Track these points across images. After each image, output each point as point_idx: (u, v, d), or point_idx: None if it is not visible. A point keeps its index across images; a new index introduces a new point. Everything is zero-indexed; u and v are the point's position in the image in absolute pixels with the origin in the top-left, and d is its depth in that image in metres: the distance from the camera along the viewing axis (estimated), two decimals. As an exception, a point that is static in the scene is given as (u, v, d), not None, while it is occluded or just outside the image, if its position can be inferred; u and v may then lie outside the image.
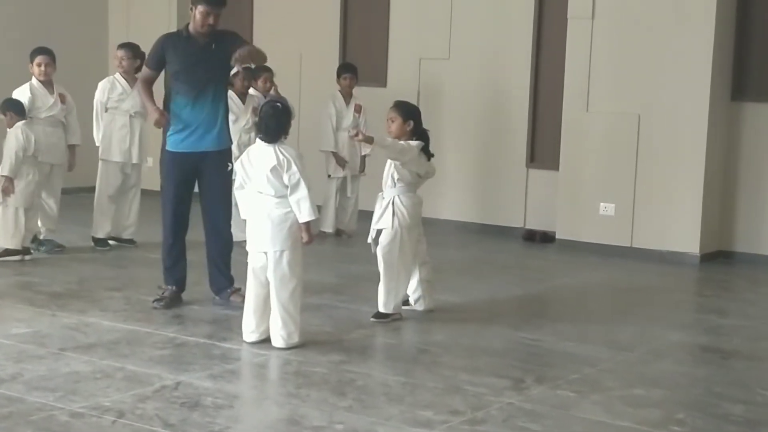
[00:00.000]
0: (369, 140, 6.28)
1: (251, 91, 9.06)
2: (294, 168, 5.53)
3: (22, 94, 8.15)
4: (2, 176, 7.75)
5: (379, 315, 6.34)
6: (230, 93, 7.95)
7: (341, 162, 9.53)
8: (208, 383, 4.99)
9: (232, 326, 6.02)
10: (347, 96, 9.57)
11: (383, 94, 10.70)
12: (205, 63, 6.43)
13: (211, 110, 6.48)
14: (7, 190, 7.76)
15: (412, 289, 6.60)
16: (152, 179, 10.59)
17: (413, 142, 6.40)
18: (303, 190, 5.52)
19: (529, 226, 10.05)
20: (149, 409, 4.59)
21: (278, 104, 5.79)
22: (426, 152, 6.53)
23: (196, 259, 6.85)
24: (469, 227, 10.27)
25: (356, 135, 6.43)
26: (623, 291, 7.93)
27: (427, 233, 10.13)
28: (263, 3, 11.50)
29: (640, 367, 5.64)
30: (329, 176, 9.54)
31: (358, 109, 9.54)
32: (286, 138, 5.70)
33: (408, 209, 6.43)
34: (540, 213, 9.97)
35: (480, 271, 8.47)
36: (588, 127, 9.37)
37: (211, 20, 6.39)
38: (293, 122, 9.81)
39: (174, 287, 6.61)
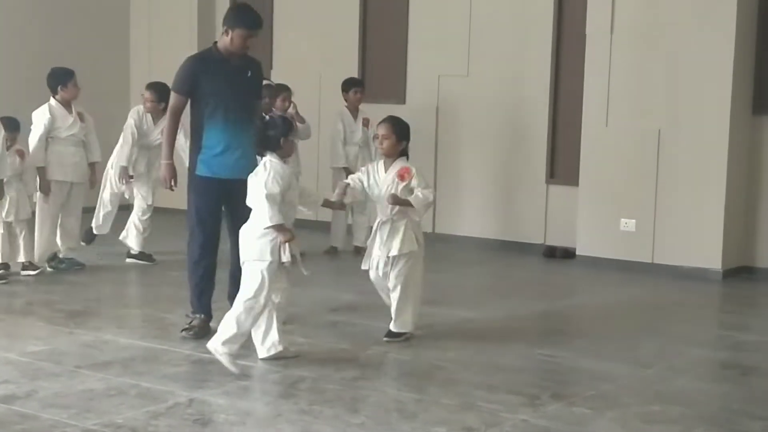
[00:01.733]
0: (406, 203, 6.07)
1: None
2: (262, 176, 5.45)
3: (41, 114, 8.21)
4: None
5: (393, 334, 6.27)
6: None
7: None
8: (222, 400, 4.98)
9: (248, 343, 5.99)
10: (354, 111, 9.58)
11: (402, 112, 10.65)
12: (239, 87, 6.29)
13: (246, 134, 6.14)
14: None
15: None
16: (168, 197, 10.68)
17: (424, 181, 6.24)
18: (261, 197, 5.41)
19: (549, 242, 10.00)
20: (162, 426, 4.58)
21: (269, 118, 5.74)
22: None
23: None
24: (488, 243, 10.23)
25: (393, 202, 6.09)
26: (644, 307, 7.87)
27: (446, 249, 10.24)
28: (283, 22, 11.55)
29: (659, 383, 5.58)
30: None
31: (366, 123, 9.54)
32: (279, 151, 5.55)
33: (420, 228, 6.34)
34: (560, 229, 9.92)
35: (499, 287, 8.44)
36: (608, 143, 9.32)
37: (248, 43, 6.29)
38: (311, 140, 10.06)
39: (203, 315, 6.31)
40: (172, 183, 6.43)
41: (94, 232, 9.05)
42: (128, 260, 8.88)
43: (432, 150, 10.59)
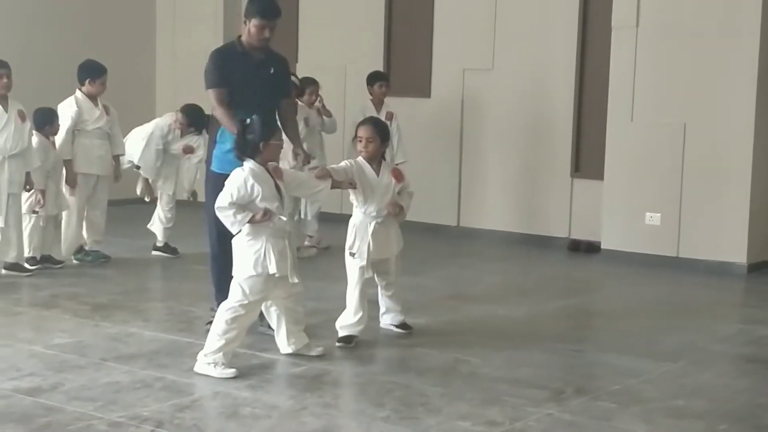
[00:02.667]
0: (401, 212, 6.08)
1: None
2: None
3: (68, 107, 8.26)
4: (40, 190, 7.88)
5: (407, 325, 6.38)
6: None
7: None
8: (247, 393, 5.00)
9: (272, 337, 6.03)
10: (378, 104, 9.55)
11: (427, 105, 10.73)
12: (261, 85, 6.15)
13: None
14: (40, 203, 7.91)
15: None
16: (198, 192, 10.73)
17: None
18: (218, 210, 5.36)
19: (573, 236, 9.97)
20: (187, 419, 4.61)
21: (249, 120, 5.40)
22: None
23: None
24: (513, 237, 10.22)
25: (399, 212, 6.08)
26: (668, 301, 7.83)
27: (470, 243, 10.23)
28: (308, 16, 11.56)
29: (683, 378, 5.56)
30: None
31: (389, 117, 9.50)
32: (259, 156, 5.34)
33: None
34: (585, 223, 9.89)
35: (523, 281, 8.42)
36: (633, 137, 9.28)
37: (266, 33, 6.13)
38: (336, 134, 10.06)
39: None
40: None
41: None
42: (154, 253, 8.94)
43: (457, 144, 10.58)
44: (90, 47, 10.10)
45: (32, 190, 7.87)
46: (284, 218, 5.44)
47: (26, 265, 7.89)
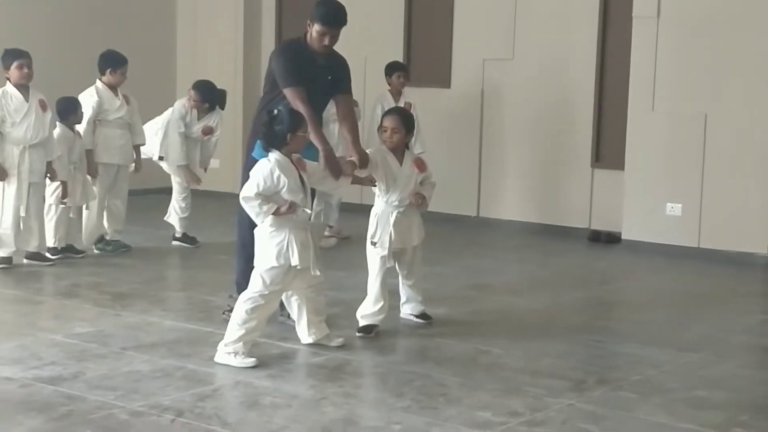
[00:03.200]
0: (423, 202, 6.09)
1: None
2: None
3: (89, 97, 8.28)
4: (62, 181, 7.91)
5: (427, 315, 6.38)
6: None
7: None
8: (267, 383, 5.01)
9: (293, 326, 6.04)
10: (397, 95, 9.53)
11: (447, 96, 10.71)
12: (321, 86, 6.06)
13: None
14: (66, 194, 7.94)
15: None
16: (217, 181, 10.75)
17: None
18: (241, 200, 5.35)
19: (594, 227, 9.93)
20: (208, 408, 4.62)
21: (277, 111, 5.39)
22: None
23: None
24: (532, 228, 10.19)
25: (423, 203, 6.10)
26: (689, 292, 7.79)
27: (490, 234, 10.22)
28: (327, 5, 11.52)
29: (704, 369, 5.53)
30: None
31: (408, 107, 9.48)
32: (285, 147, 5.32)
33: None
34: (605, 213, 9.85)
35: (543, 271, 8.40)
36: (654, 127, 9.24)
37: (326, 41, 6.02)
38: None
39: None
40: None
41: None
42: (174, 243, 8.97)
43: (477, 134, 10.56)
44: (110, 38, 10.13)
45: (57, 181, 7.91)
46: (308, 211, 5.44)
47: (48, 255, 7.92)
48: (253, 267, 5.56)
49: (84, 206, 8.28)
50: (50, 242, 8.01)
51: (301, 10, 11.59)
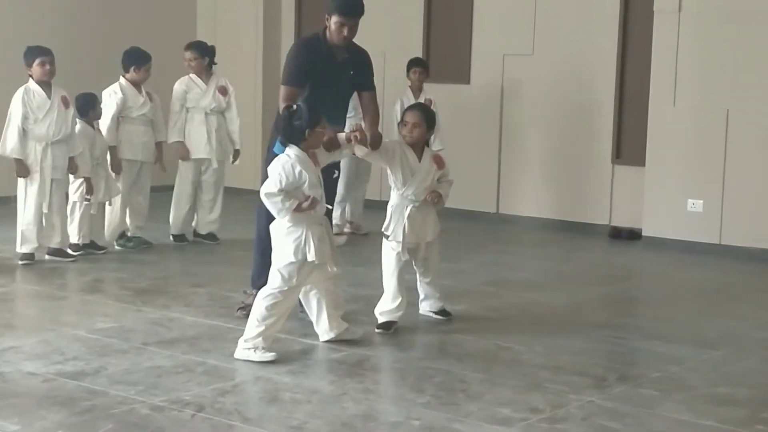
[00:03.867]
0: (440, 200, 6.05)
1: None
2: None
3: (113, 93, 8.32)
4: (85, 177, 7.95)
5: (446, 312, 6.36)
6: None
7: None
8: (287, 378, 5.02)
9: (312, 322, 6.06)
10: (417, 91, 9.53)
11: (467, 91, 10.69)
12: (339, 85, 6.07)
13: (335, 126, 5.87)
14: (90, 191, 7.97)
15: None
16: (237, 177, 10.77)
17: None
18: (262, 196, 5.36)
19: (614, 223, 9.89)
20: (228, 404, 4.64)
21: (295, 107, 5.41)
22: None
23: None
24: (552, 224, 10.16)
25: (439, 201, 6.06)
26: (710, 289, 7.76)
27: (510, 230, 10.20)
28: (347, 1, 11.52)
29: (726, 365, 5.51)
30: None
31: (428, 104, 9.48)
32: (303, 143, 5.31)
33: None
34: (626, 210, 9.81)
35: (564, 268, 8.38)
36: (675, 122, 9.19)
37: (345, 32, 5.97)
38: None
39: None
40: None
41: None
42: (194, 239, 8.98)
43: (496, 130, 10.53)
44: (132, 35, 10.13)
45: (81, 178, 7.94)
46: (329, 207, 5.46)
47: (69, 251, 7.96)
48: (268, 261, 5.56)
49: (107, 202, 8.31)
50: (74, 239, 8.05)
51: (320, 9, 11.63)
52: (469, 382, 5.05)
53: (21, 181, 7.74)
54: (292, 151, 5.32)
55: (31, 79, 7.72)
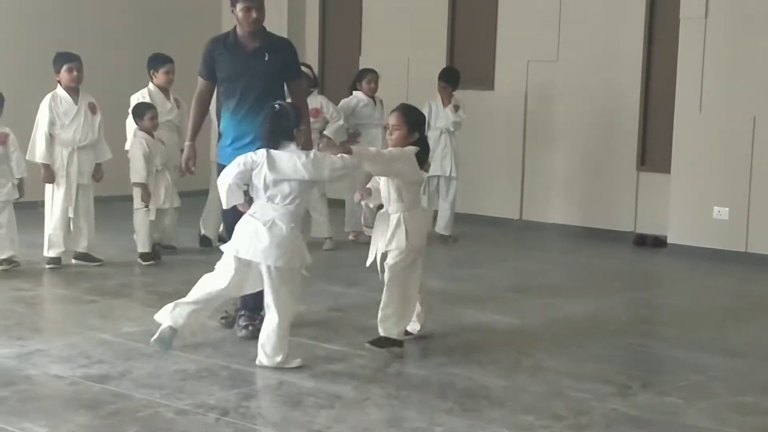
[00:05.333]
0: (344, 150, 5.43)
1: (356, 93, 9.30)
2: (300, 161, 5.15)
3: (140, 98, 8.37)
4: (141, 183, 8.00)
5: (381, 341, 5.58)
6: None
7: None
8: (311, 383, 5.04)
9: (337, 327, 6.08)
10: (446, 98, 9.55)
11: (491, 97, 10.69)
12: (253, 74, 5.87)
13: (257, 124, 5.58)
14: (145, 198, 8.03)
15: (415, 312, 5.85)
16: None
17: (405, 149, 5.56)
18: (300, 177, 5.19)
19: (639, 231, 9.86)
20: (252, 408, 4.66)
21: (279, 107, 5.29)
22: (420, 159, 5.63)
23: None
24: (576, 231, 10.14)
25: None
26: (736, 297, 7.72)
27: (533, 237, 10.18)
28: (372, 8, 11.58)
29: (751, 374, 5.48)
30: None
31: (455, 109, 9.51)
32: (292, 141, 5.20)
33: (419, 225, 5.66)
34: (651, 217, 9.78)
35: (588, 275, 8.35)
36: (701, 129, 9.15)
37: (254, 14, 5.82)
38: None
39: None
40: (190, 165, 6.20)
41: None
42: (219, 244, 8.98)
43: (520, 136, 10.53)
44: (159, 41, 10.22)
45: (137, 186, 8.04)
46: None
47: (95, 255, 8.01)
48: None
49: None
50: (140, 248, 8.12)
51: (345, 10, 11.68)
52: (492, 388, 5.05)
53: (48, 186, 7.81)
54: (293, 146, 5.19)
55: (59, 85, 7.79)
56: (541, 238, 10.06)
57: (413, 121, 5.61)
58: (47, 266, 7.78)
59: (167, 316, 5.27)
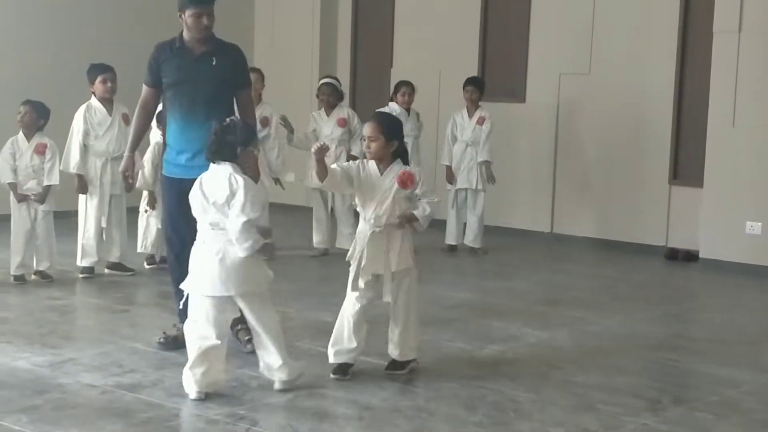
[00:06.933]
0: (413, 219, 5.24)
1: (391, 104, 9.34)
2: (238, 196, 4.80)
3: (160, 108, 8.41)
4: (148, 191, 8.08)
5: (400, 365, 5.47)
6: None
7: (449, 176, 9.54)
8: (340, 394, 5.06)
9: (366, 338, 6.08)
10: (472, 108, 9.56)
11: (522, 110, 10.68)
12: (200, 78, 5.68)
13: (204, 133, 5.32)
14: (151, 203, 8.08)
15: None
16: (289, 195, 10.85)
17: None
18: (237, 223, 4.78)
19: (671, 245, 9.80)
20: (281, 418, 4.69)
21: (229, 121, 5.00)
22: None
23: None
24: (607, 244, 10.09)
25: (401, 224, 5.29)
26: (769, 312, 7.67)
27: (564, 250, 10.15)
28: (404, 19, 11.60)
29: (784, 390, 5.44)
30: (448, 189, 9.61)
31: (480, 122, 9.50)
32: (234, 161, 4.89)
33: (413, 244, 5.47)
34: (683, 231, 9.72)
35: (619, 289, 8.31)
36: (734, 143, 9.10)
37: (205, 21, 5.64)
38: (431, 138, 10.13)
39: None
40: (128, 177, 5.99)
41: None
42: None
43: (552, 149, 10.51)
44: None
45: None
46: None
47: (127, 265, 8.07)
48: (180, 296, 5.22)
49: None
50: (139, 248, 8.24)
51: (377, 23, 11.72)
52: (521, 401, 5.04)
53: (81, 196, 7.89)
54: (229, 167, 4.86)
55: (93, 96, 7.87)
56: (572, 251, 10.03)
57: (390, 130, 5.30)
58: (80, 275, 7.85)
59: (191, 389, 4.94)
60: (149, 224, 8.20)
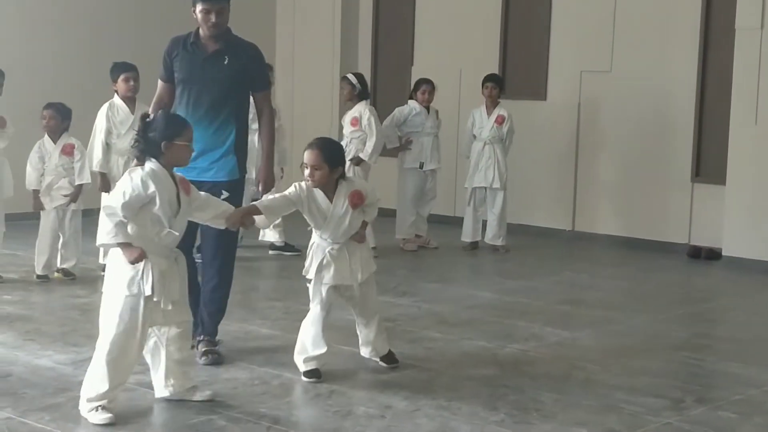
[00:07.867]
0: (364, 227, 5.37)
1: (411, 102, 9.39)
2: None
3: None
4: None
5: (391, 356, 5.58)
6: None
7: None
8: (362, 393, 5.06)
9: (389, 337, 6.08)
10: (491, 106, 9.53)
11: (543, 108, 10.65)
12: (208, 77, 5.51)
13: (215, 134, 5.44)
14: None
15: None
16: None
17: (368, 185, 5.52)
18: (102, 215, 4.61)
19: (694, 243, 9.75)
20: (303, 417, 4.69)
21: (152, 117, 4.84)
22: None
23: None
24: (629, 243, 10.04)
25: (361, 241, 5.38)
26: (793, 311, 7.61)
27: (586, 248, 10.12)
28: (424, 18, 11.58)
29: (808, 390, 5.40)
30: (465, 187, 9.61)
31: (499, 120, 9.47)
32: (161, 157, 4.64)
33: None
34: (706, 229, 9.66)
35: (641, 287, 8.27)
36: (757, 141, 9.03)
37: (213, 18, 5.45)
38: (451, 136, 10.12)
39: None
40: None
41: None
42: (271, 252, 9.08)
43: (573, 147, 10.47)
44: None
45: None
46: (175, 233, 4.68)
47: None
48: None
49: None
50: None
51: (398, 21, 11.71)
52: (544, 401, 5.02)
53: (104, 194, 7.89)
54: (149, 164, 4.64)
55: (116, 94, 7.90)
56: (594, 249, 9.99)
57: (333, 158, 5.18)
58: (102, 273, 7.85)
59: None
60: None
